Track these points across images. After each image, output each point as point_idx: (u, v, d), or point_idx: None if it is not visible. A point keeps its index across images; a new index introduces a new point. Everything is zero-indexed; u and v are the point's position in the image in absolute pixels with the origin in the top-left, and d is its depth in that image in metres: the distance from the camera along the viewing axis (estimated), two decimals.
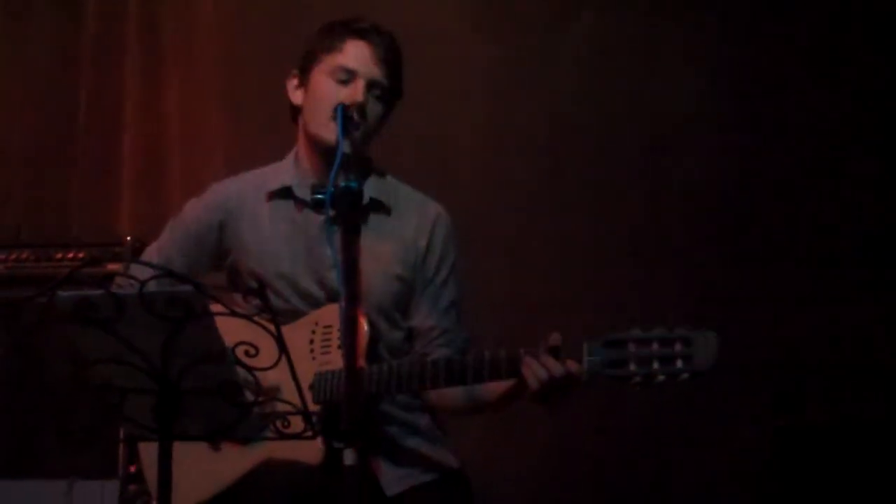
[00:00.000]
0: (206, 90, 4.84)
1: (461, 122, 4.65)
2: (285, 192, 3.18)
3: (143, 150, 4.86)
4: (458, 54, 4.67)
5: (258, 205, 3.18)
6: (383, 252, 3.11)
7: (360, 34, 3.10)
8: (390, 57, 3.11)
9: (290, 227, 3.15)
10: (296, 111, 3.18)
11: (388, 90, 3.11)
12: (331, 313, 3.01)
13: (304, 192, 3.14)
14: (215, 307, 2.36)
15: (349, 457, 2.38)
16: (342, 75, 3.07)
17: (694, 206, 4.52)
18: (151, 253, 3.29)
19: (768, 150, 4.52)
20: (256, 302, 2.61)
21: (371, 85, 3.07)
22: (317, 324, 3.03)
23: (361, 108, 2.98)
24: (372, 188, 3.15)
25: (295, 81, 3.17)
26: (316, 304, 3.09)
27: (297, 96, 3.16)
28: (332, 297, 3.06)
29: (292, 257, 3.12)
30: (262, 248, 3.14)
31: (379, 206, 3.16)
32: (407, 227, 3.18)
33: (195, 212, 3.25)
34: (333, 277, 3.04)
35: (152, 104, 4.89)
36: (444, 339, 3.16)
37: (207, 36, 4.89)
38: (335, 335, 2.98)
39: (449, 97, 4.62)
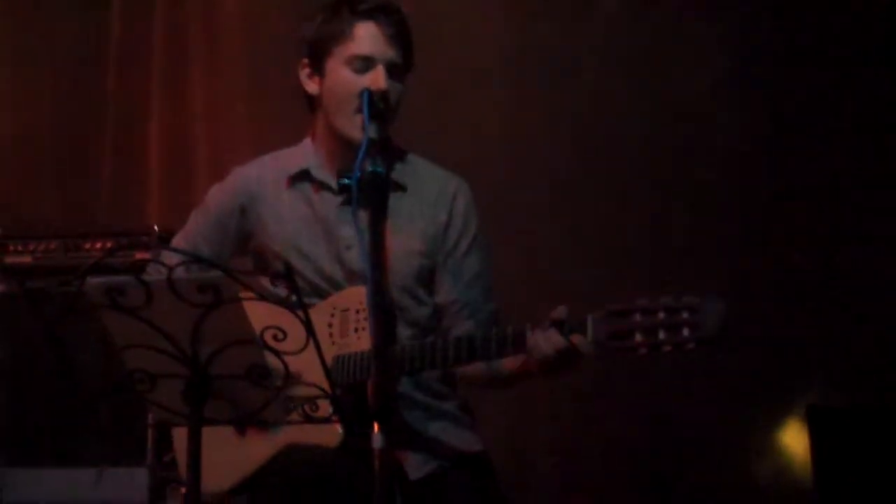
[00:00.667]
0: (231, 82, 4.88)
1: (484, 108, 4.66)
2: (304, 175, 3.18)
3: (169, 142, 4.90)
4: (482, 39, 4.68)
5: (278, 187, 3.19)
6: (403, 230, 3.10)
7: (368, 15, 3.06)
8: (401, 32, 3.08)
9: (309, 208, 3.16)
10: (311, 99, 3.17)
11: (403, 67, 3.09)
12: (348, 297, 3.03)
13: (322, 175, 3.15)
14: (244, 292, 2.38)
15: (377, 440, 2.40)
16: (359, 64, 3.05)
17: (722, 176, 4.51)
18: (178, 241, 3.31)
19: (793, 142, 4.52)
20: (283, 285, 2.62)
21: (390, 67, 3.05)
22: (335, 307, 3.04)
23: (385, 95, 2.97)
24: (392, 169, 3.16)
25: (307, 70, 3.14)
26: (335, 283, 3.10)
27: (311, 86, 3.14)
28: (350, 277, 3.07)
29: (311, 238, 3.13)
30: (282, 229, 3.16)
31: (395, 185, 3.15)
32: (426, 201, 3.17)
33: (217, 197, 3.27)
34: (351, 258, 3.07)
35: (178, 96, 4.92)
36: (468, 311, 3.15)
37: (231, 28, 4.93)
38: (352, 318, 3.00)
39: (472, 82, 4.63)
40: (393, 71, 3.05)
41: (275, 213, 3.18)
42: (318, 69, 3.12)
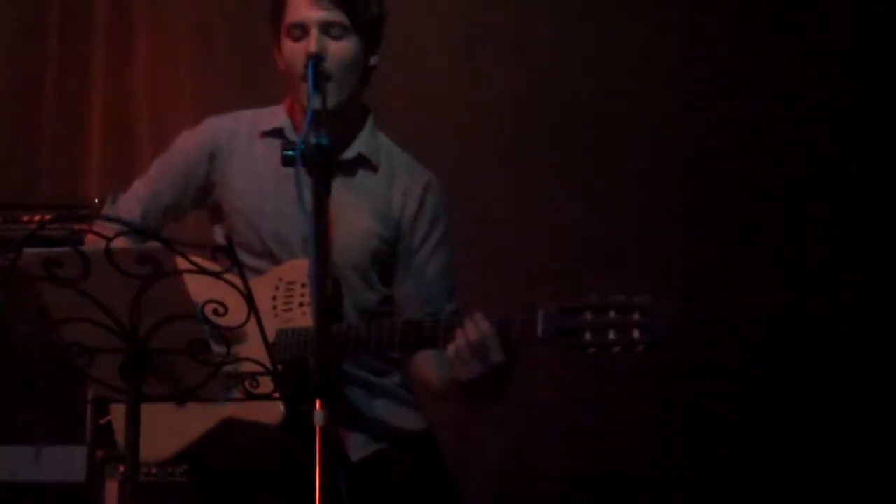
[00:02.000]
0: (176, 46, 4.80)
1: (433, 89, 4.63)
2: (277, 133, 3.15)
3: (111, 111, 4.82)
4: (433, 18, 4.64)
5: (251, 142, 3.15)
6: (365, 209, 3.07)
7: None
8: None
9: (279, 168, 3.09)
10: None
11: (352, 24, 3.02)
12: (294, 269, 2.99)
13: (294, 136, 3.11)
14: (184, 265, 2.33)
15: (319, 418, 2.37)
16: (295, 32, 3.01)
17: (670, 169, 4.52)
18: (138, 186, 3.24)
19: (741, 113, 4.54)
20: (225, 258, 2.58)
21: (325, 28, 2.99)
22: (280, 279, 2.99)
23: (318, 58, 2.86)
24: (363, 144, 3.13)
25: (276, 52, 3.13)
26: (288, 248, 3.06)
27: (279, 61, 3.13)
28: (304, 245, 3.01)
29: (277, 197, 3.08)
30: (248, 184, 3.11)
31: (366, 163, 3.13)
32: (396, 188, 3.14)
33: (186, 144, 3.21)
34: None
35: (120, 63, 4.84)
36: (429, 308, 3.10)
37: (176, 1, 4.85)
38: (297, 292, 2.96)
39: (421, 62, 4.60)
40: (334, 30, 3.00)
41: (242, 168, 3.13)
42: (277, 45, 3.10)
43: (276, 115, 3.18)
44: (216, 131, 3.19)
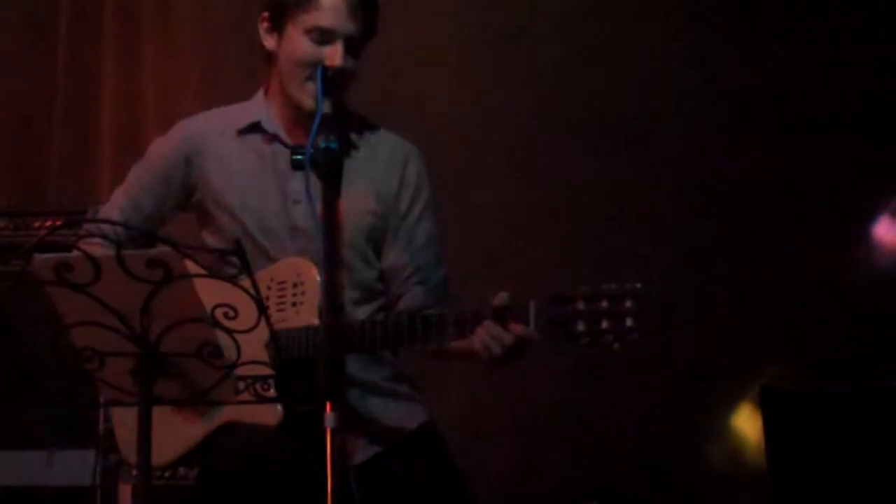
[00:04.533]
0: (185, 54, 4.83)
1: (440, 87, 4.64)
2: (254, 128, 3.15)
3: (120, 118, 4.84)
4: (439, 17, 4.65)
5: (225, 140, 3.15)
6: (354, 188, 3.04)
7: None
8: (368, 7, 3.05)
9: (259, 161, 3.12)
10: (269, 54, 3.11)
11: (362, 40, 3.05)
12: (285, 269, 2.99)
13: (273, 127, 3.12)
14: (193, 268, 2.34)
15: (331, 419, 2.37)
16: (318, 35, 3.01)
17: (679, 173, 4.53)
18: (118, 196, 3.24)
19: (760, 125, 4.54)
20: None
21: (349, 40, 3.02)
22: (272, 279, 2.99)
23: (341, 72, 2.95)
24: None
25: (266, 24, 3.09)
26: (277, 240, 3.07)
27: (269, 41, 3.10)
28: (293, 233, 3.05)
29: (259, 190, 3.09)
30: (229, 181, 3.11)
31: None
32: (379, 163, 3.15)
33: (160, 150, 3.21)
34: (297, 212, 3.04)
35: (130, 72, 4.86)
36: (419, 276, 3.12)
37: (184, 4, 4.87)
38: (290, 292, 2.96)
39: (428, 61, 4.60)
40: (350, 45, 3.02)
41: (219, 167, 3.13)
42: (277, 27, 3.08)
43: (249, 110, 3.18)
44: (189, 133, 3.19)
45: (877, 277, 4.34)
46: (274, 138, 3.12)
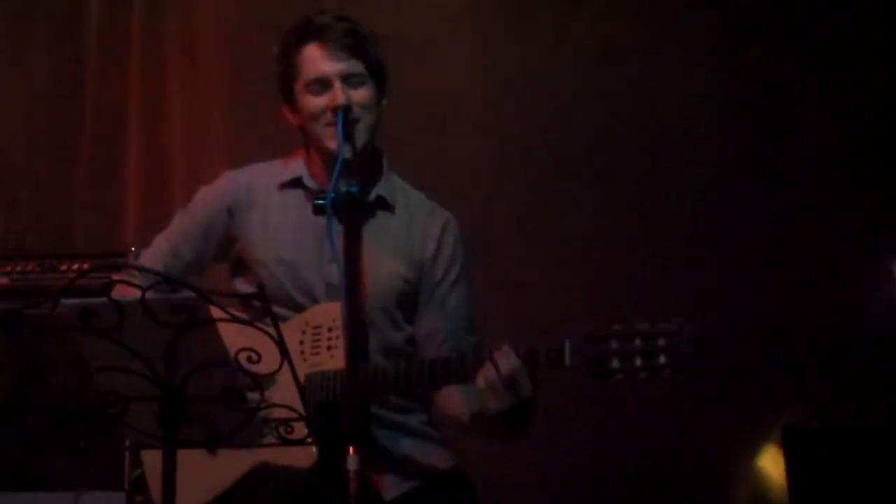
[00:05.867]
0: (210, 99, 4.87)
1: (462, 124, 4.67)
2: (296, 182, 3.20)
3: (147, 161, 4.88)
4: (459, 55, 4.68)
5: (269, 194, 3.21)
6: (387, 251, 3.13)
7: (313, 36, 3.09)
8: (353, 41, 3.08)
9: (300, 216, 3.16)
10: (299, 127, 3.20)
11: (368, 71, 3.09)
12: (320, 314, 3.04)
13: (313, 185, 3.18)
14: (217, 313, 2.37)
15: (352, 462, 2.40)
16: (315, 87, 3.08)
17: (696, 204, 4.53)
18: (161, 241, 3.30)
19: (770, 145, 4.54)
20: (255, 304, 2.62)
21: (346, 78, 3.06)
22: (307, 324, 3.04)
23: (347, 109, 2.98)
24: (380, 187, 3.19)
25: (287, 111, 3.19)
26: (312, 296, 3.11)
27: (293, 118, 3.19)
28: (328, 290, 3.08)
29: (297, 246, 3.14)
30: (267, 235, 3.17)
31: (384, 204, 3.19)
32: (415, 228, 3.20)
33: (205, 200, 3.27)
34: (332, 271, 3.06)
35: (156, 115, 4.91)
36: (451, 342, 3.16)
37: (209, 44, 4.92)
38: (325, 336, 3.00)
39: (449, 99, 4.63)
40: (353, 80, 3.07)
41: (261, 220, 3.19)
42: (291, 103, 3.16)
43: (292, 167, 3.23)
44: (234, 186, 3.25)
45: None
46: (314, 195, 3.15)
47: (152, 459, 3.09)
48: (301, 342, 3.01)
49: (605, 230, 4.57)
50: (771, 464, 4.37)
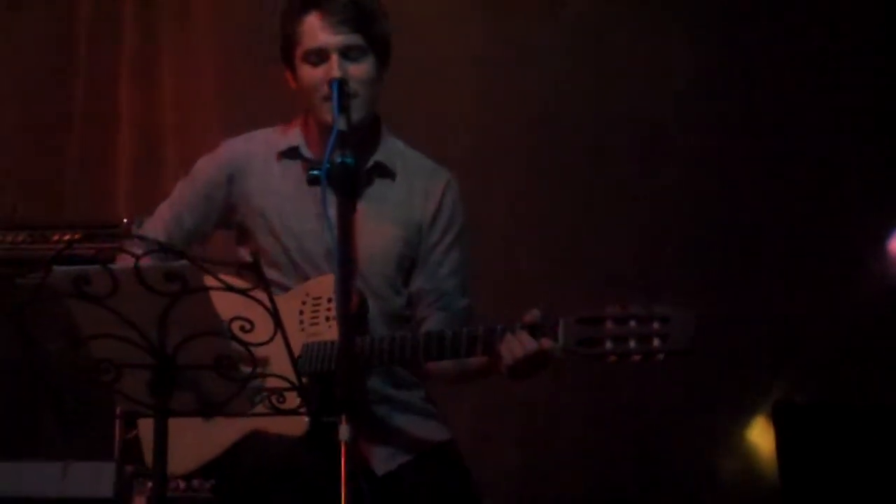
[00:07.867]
0: (202, 72, 4.87)
1: (452, 103, 4.66)
2: (293, 152, 3.20)
3: (139, 132, 4.88)
4: (452, 35, 4.68)
5: (268, 162, 3.21)
6: (386, 216, 3.13)
7: (312, 6, 3.07)
8: (354, 14, 3.06)
9: (298, 185, 3.15)
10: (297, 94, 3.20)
11: (368, 45, 3.08)
12: (321, 285, 3.04)
13: (310, 154, 3.18)
14: (210, 281, 2.37)
15: (344, 433, 2.40)
16: (313, 58, 3.07)
17: (689, 185, 4.53)
18: (163, 210, 3.30)
19: (764, 133, 4.54)
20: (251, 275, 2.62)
21: (345, 52, 3.05)
22: (307, 294, 3.05)
23: (342, 82, 2.94)
24: (379, 153, 3.19)
25: (288, 74, 3.18)
26: (313, 263, 3.11)
27: (292, 83, 3.18)
28: (329, 256, 3.07)
29: (299, 215, 3.15)
30: (267, 203, 3.17)
31: (384, 171, 3.19)
32: (414, 190, 3.20)
33: (206, 168, 3.28)
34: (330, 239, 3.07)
35: (148, 87, 4.91)
36: (442, 302, 3.17)
37: (202, 19, 4.91)
38: (324, 307, 3.01)
39: (441, 78, 4.63)
40: (353, 53, 3.06)
41: (261, 188, 3.19)
42: (291, 68, 3.16)
43: (290, 135, 3.23)
44: (234, 153, 3.25)
45: (892, 292, 4.35)
46: (311, 165, 3.13)
47: (147, 424, 3.09)
48: (301, 312, 3.02)
49: (596, 211, 4.57)
50: (761, 438, 4.39)
